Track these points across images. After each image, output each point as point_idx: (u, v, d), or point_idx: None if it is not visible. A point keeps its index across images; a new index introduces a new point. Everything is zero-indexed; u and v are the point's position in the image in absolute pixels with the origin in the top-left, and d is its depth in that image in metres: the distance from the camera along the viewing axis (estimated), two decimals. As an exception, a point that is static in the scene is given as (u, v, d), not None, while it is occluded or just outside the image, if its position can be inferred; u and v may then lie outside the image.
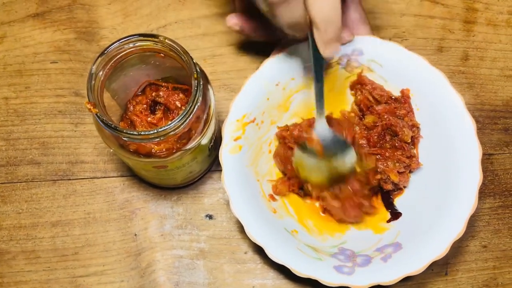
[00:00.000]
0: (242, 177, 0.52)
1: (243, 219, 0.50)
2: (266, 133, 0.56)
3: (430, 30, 0.65)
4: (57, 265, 0.56)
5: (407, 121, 0.55)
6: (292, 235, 0.53)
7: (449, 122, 0.53)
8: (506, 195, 0.59)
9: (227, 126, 0.52)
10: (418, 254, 0.50)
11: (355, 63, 0.56)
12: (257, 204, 0.52)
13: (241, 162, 0.53)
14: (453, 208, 0.51)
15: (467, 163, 0.52)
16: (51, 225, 0.57)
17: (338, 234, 0.55)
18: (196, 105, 0.42)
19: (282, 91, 0.56)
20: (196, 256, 0.56)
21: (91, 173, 0.59)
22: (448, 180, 0.52)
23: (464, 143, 0.52)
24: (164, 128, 0.40)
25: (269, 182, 0.56)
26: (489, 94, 0.63)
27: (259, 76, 0.54)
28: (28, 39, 0.63)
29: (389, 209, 0.56)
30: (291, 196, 0.56)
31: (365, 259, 0.51)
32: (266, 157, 0.56)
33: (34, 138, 0.60)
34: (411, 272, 0.49)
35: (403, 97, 0.55)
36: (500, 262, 0.57)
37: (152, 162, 0.45)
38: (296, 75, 0.56)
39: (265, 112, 0.55)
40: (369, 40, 0.55)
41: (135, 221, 0.57)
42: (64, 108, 0.61)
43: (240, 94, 0.53)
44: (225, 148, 0.52)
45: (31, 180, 0.58)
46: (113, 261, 0.56)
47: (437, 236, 0.50)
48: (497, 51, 0.64)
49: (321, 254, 0.51)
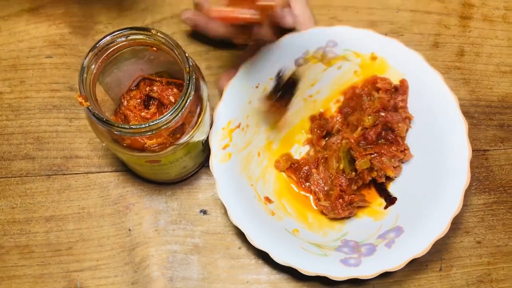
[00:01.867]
0: (236, 185, 0.52)
1: (244, 228, 0.50)
2: (253, 136, 0.56)
3: (426, 25, 0.64)
4: (51, 260, 0.56)
5: (401, 113, 0.55)
6: (294, 235, 0.53)
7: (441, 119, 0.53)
8: (501, 191, 0.59)
9: (214, 135, 0.52)
10: (420, 236, 0.50)
11: (331, 54, 0.56)
12: (255, 209, 0.52)
13: (232, 169, 0.53)
14: (447, 183, 0.51)
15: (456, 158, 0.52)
16: (45, 220, 0.57)
17: (339, 226, 0.55)
18: (189, 99, 0.41)
19: (262, 92, 0.55)
20: (190, 251, 0.56)
21: (85, 168, 0.59)
22: (439, 162, 0.53)
23: (455, 143, 0.52)
24: (156, 122, 0.40)
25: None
26: (485, 90, 0.63)
27: (238, 81, 0.54)
28: (23, 33, 0.63)
29: (383, 196, 0.56)
30: (287, 195, 0.56)
31: (370, 248, 0.51)
32: (257, 160, 0.56)
33: (28, 133, 0.60)
34: (416, 255, 0.49)
35: (402, 87, 0.55)
36: (495, 258, 0.57)
37: (145, 156, 0.45)
38: (274, 74, 0.56)
39: (249, 116, 0.55)
40: (342, 30, 0.55)
41: (129, 216, 0.57)
42: (59, 102, 0.61)
43: (222, 102, 0.53)
44: (215, 158, 0.52)
45: (25, 175, 0.58)
46: (107, 256, 0.56)
47: (435, 214, 0.51)
48: (493, 47, 0.64)
49: (326, 249, 0.52)
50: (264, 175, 0.57)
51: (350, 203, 0.53)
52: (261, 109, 0.54)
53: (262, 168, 0.57)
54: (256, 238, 0.50)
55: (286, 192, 0.57)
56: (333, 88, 0.59)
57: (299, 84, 0.54)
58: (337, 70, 0.58)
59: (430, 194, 0.52)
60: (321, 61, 0.57)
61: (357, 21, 0.64)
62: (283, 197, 0.56)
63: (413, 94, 0.56)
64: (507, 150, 0.61)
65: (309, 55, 0.56)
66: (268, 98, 0.53)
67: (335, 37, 0.56)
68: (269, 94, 0.53)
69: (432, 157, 0.54)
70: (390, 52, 0.55)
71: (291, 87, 0.53)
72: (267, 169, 0.57)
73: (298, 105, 0.59)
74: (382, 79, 0.56)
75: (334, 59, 0.57)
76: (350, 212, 0.53)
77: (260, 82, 0.55)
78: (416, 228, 0.51)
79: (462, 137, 0.52)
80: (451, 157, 0.52)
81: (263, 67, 0.55)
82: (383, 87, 0.55)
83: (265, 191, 0.56)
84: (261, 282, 0.56)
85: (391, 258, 0.50)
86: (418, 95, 0.55)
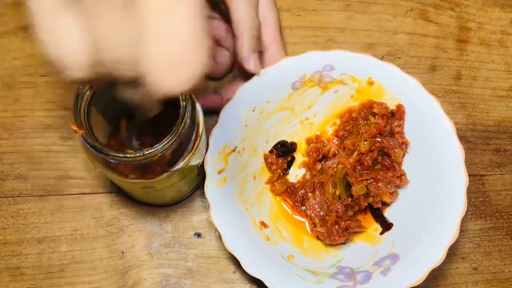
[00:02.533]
0: (231, 210, 0.52)
1: (238, 255, 0.50)
2: (249, 160, 0.56)
3: (423, 48, 0.64)
4: (42, 283, 0.55)
5: (397, 139, 0.55)
6: (289, 261, 0.52)
7: (438, 146, 0.53)
8: (497, 217, 0.59)
9: (209, 160, 0.52)
10: (416, 264, 0.50)
11: (327, 78, 0.56)
12: (250, 235, 0.52)
13: (228, 194, 0.52)
14: (444, 211, 0.51)
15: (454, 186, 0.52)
16: (37, 241, 0.56)
17: (334, 252, 0.54)
18: (184, 128, 0.41)
19: (259, 115, 0.55)
20: (184, 275, 0.56)
21: (79, 188, 0.58)
22: (436, 189, 0.52)
23: (452, 171, 0.52)
24: (150, 151, 0.40)
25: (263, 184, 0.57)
26: (481, 114, 0.63)
27: (235, 104, 0.53)
28: (18, 51, 0.62)
29: (379, 222, 0.55)
30: (283, 219, 0.56)
31: (365, 275, 0.51)
32: (252, 184, 0.56)
33: (22, 152, 0.59)
34: (412, 284, 0.49)
35: (398, 112, 0.55)
36: (491, 284, 0.57)
37: (139, 183, 0.45)
38: (272, 97, 0.55)
39: (245, 139, 0.55)
40: (339, 55, 0.55)
41: (123, 238, 0.57)
42: (53, 122, 0.60)
43: (218, 125, 0.52)
44: (210, 183, 0.51)
45: (17, 195, 0.58)
46: (99, 279, 0.55)
47: (432, 242, 0.50)
48: (490, 71, 0.64)
49: (321, 276, 0.51)
50: (260, 199, 0.56)
51: (346, 229, 0.53)
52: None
53: (258, 192, 0.56)
54: (250, 265, 0.50)
55: (282, 216, 0.57)
56: (330, 111, 0.58)
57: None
58: (333, 94, 0.57)
59: (426, 222, 0.52)
60: (318, 85, 0.57)
61: (354, 43, 0.64)
62: (279, 221, 0.56)
63: (409, 119, 0.55)
64: (503, 175, 0.60)
65: (306, 78, 0.56)
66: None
67: (332, 61, 0.56)
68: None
69: (428, 184, 0.53)
70: (387, 77, 0.55)
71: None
72: (262, 193, 0.57)
73: (295, 127, 0.58)
74: (378, 104, 0.55)
75: (331, 83, 0.57)
76: (346, 238, 0.53)
77: (257, 105, 0.55)
78: (412, 256, 0.51)
79: (458, 165, 0.52)
80: (447, 184, 0.52)
81: (260, 90, 0.55)
82: (379, 112, 0.55)
83: (260, 215, 0.55)
84: (255, 307, 0.55)
85: (387, 286, 0.49)
86: (414, 120, 0.55)
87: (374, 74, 0.56)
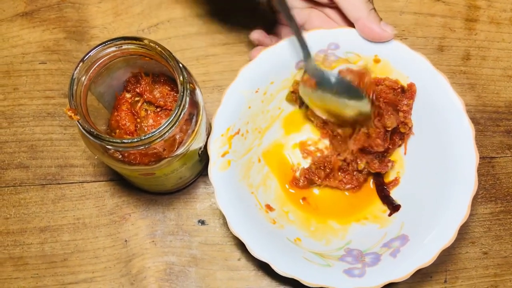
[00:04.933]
0: (236, 193, 0.50)
1: (244, 238, 0.48)
2: (253, 142, 0.54)
3: (431, 28, 0.63)
4: (45, 272, 0.55)
5: (400, 116, 0.53)
6: (296, 244, 0.51)
7: (447, 124, 0.52)
8: (508, 200, 0.57)
9: (212, 143, 0.50)
10: (426, 245, 0.49)
11: (332, 57, 0.54)
12: (255, 218, 0.51)
13: (232, 177, 0.51)
14: (454, 190, 0.50)
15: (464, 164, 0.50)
16: (40, 230, 0.56)
17: (342, 233, 0.53)
18: (183, 111, 0.40)
19: (263, 96, 0.54)
20: (188, 263, 0.55)
21: (80, 177, 0.57)
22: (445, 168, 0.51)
23: (462, 149, 0.50)
24: (148, 135, 0.39)
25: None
26: (491, 95, 0.61)
27: (237, 85, 0.52)
28: (17, 38, 0.61)
29: (386, 203, 0.54)
30: (289, 203, 0.55)
31: (374, 257, 0.50)
32: (257, 167, 0.55)
33: (22, 141, 0.58)
34: (422, 265, 0.48)
35: (410, 91, 0.53)
36: (502, 269, 0.55)
37: (139, 169, 0.44)
38: (275, 78, 0.54)
39: (249, 122, 0.54)
40: (344, 32, 0.53)
41: (126, 226, 0.56)
42: (53, 110, 0.59)
43: (221, 107, 0.51)
44: (214, 166, 0.50)
45: (19, 185, 0.57)
46: (103, 268, 0.55)
47: (442, 223, 0.49)
48: (500, 50, 0.62)
49: (329, 259, 0.50)
50: (265, 182, 0.55)
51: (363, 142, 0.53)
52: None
53: (263, 175, 0.55)
54: (257, 248, 0.48)
55: (288, 199, 0.55)
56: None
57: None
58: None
59: (436, 202, 0.50)
60: (322, 64, 0.55)
61: (359, 24, 0.62)
62: (285, 204, 0.55)
63: (418, 97, 0.54)
64: (514, 157, 0.59)
65: None
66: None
67: (337, 39, 0.54)
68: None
69: (438, 163, 0.52)
70: (394, 54, 0.54)
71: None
72: (268, 176, 0.55)
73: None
74: (390, 79, 0.54)
75: (336, 61, 0.55)
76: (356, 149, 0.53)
77: (260, 86, 0.54)
78: (421, 236, 0.49)
79: (469, 143, 0.50)
80: (458, 163, 0.50)
81: (263, 71, 0.53)
82: (389, 85, 0.53)
83: (266, 198, 0.54)
84: (260, 295, 0.54)
85: (396, 268, 0.48)
86: (423, 99, 0.53)
87: (380, 52, 0.54)
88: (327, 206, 0.56)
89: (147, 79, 0.48)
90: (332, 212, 0.55)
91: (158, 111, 0.49)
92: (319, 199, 0.56)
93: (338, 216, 0.55)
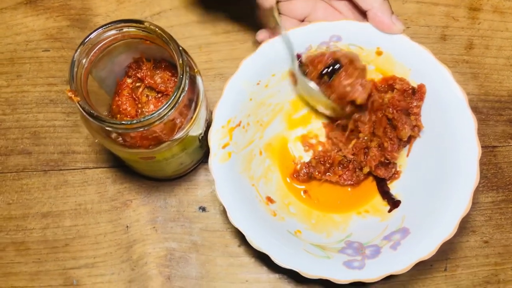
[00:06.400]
0: (236, 185, 0.50)
1: (244, 230, 0.48)
2: (254, 135, 0.54)
3: (434, 17, 0.62)
4: (47, 257, 0.55)
5: (412, 120, 0.53)
6: (296, 236, 0.51)
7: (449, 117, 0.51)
8: (510, 189, 0.57)
9: (213, 134, 0.50)
10: (427, 237, 0.48)
11: (334, 49, 0.54)
12: (256, 210, 0.51)
13: (232, 169, 0.51)
14: (455, 183, 0.49)
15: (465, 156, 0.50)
16: (42, 216, 0.56)
17: (342, 226, 0.53)
18: (182, 94, 0.40)
19: (264, 88, 0.54)
20: (189, 249, 0.55)
21: (82, 163, 0.58)
22: (447, 161, 0.51)
23: (464, 142, 0.50)
24: (147, 117, 0.39)
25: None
26: (494, 84, 0.61)
27: (239, 77, 0.52)
28: (20, 26, 0.62)
29: (386, 199, 0.54)
30: (291, 195, 0.55)
31: (374, 250, 0.50)
32: (258, 159, 0.55)
33: (25, 128, 0.59)
34: (422, 257, 0.47)
35: (420, 92, 0.53)
36: (502, 258, 0.55)
37: (139, 153, 0.44)
38: (276, 70, 0.54)
39: (250, 114, 0.53)
40: (346, 25, 0.53)
41: (127, 212, 0.56)
42: (56, 97, 0.60)
43: (222, 99, 0.51)
44: (214, 157, 0.50)
45: (21, 170, 0.57)
46: (104, 254, 0.55)
47: (443, 215, 0.49)
48: (504, 40, 0.62)
49: (329, 251, 0.50)
50: (267, 174, 0.55)
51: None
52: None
53: (264, 167, 0.55)
54: (256, 239, 0.48)
55: (289, 191, 0.56)
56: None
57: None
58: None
59: (437, 194, 0.50)
60: None
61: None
62: (286, 197, 0.55)
63: None
64: (516, 146, 0.59)
65: (312, 50, 0.54)
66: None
67: (339, 31, 0.54)
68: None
69: (440, 156, 0.52)
70: (396, 46, 0.53)
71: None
72: (269, 168, 0.55)
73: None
74: (401, 79, 0.53)
75: None
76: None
77: (262, 78, 0.53)
78: (422, 229, 0.49)
79: (471, 136, 0.50)
80: (459, 156, 0.50)
81: (265, 63, 0.53)
82: (400, 88, 0.53)
83: (267, 190, 0.54)
84: (260, 281, 0.54)
85: (396, 261, 0.48)
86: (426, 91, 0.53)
87: (382, 44, 0.54)
88: (328, 199, 0.56)
89: (148, 65, 0.48)
90: (333, 205, 0.55)
91: (159, 97, 0.49)
92: (320, 192, 0.56)
93: (339, 209, 0.55)
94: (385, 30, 0.52)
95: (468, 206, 0.48)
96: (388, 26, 0.51)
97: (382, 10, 0.51)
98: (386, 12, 0.51)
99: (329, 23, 0.53)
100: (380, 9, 0.51)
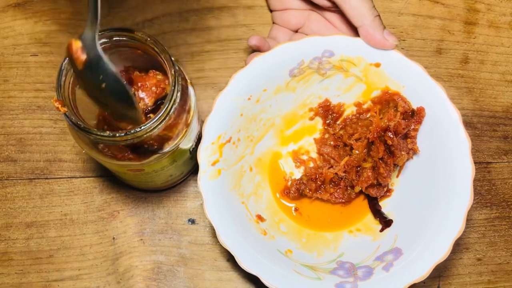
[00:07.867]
0: (226, 203, 0.49)
1: (233, 250, 0.47)
2: (244, 151, 0.53)
3: (429, 30, 0.62)
4: (30, 268, 0.53)
5: (408, 143, 0.52)
6: (287, 256, 0.50)
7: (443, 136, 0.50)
8: (503, 206, 0.57)
9: (202, 151, 0.49)
10: (420, 259, 0.48)
11: (327, 65, 0.53)
12: (246, 229, 0.49)
13: (222, 186, 0.50)
14: (449, 203, 0.48)
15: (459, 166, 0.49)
16: (26, 226, 0.55)
17: (334, 245, 0.53)
18: (173, 107, 0.39)
19: (255, 103, 0.53)
20: (177, 262, 0.54)
21: (69, 172, 0.56)
22: (440, 180, 0.50)
23: (457, 161, 0.49)
24: (136, 130, 0.38)
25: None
26: (489, 99, 0.60)
27: (229, 92, 0.50)
28: (8, 30, 0.60)
29: (378, 217, 0.53)
30: (281, 212, 0.54)
31: (367, 271, 0.49)
32: (248, 175, 0.54)
33: (11, 134, 0.57)
34: (415, 280, 0.47)
35: (419, 115, 0.52)
36: (495, 276, 0.54)
37: (127, 165, 0.43)
38: (268, 85, 0.52)
39: (241, 129, 0.52)
40: (339, 40, 0.52)
41: (114, 224, 0.55)
42: (44, 103, 0.58)
43: (212, 115, 0.50)
44: (204, 175, 0.49)
45: (6, 178, 0.56)
46: (89, 266, 0.54)
47: (436, 236, 0.48)
48: (499, 55, 0.62)
49: (320, 272, 0.49)
50: (257, 191, 0.54)
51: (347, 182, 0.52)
52: None
53: (255, 184, 0.54)
54: (246, 261, 0.47)
55: (280, 209, 0.55)
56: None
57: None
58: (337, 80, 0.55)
59: (430, 215, 0.49)
60: (316, 72, 0.54)
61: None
62: (277, 214, 0.54)
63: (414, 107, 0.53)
64: (510, 163, 0.58)
65: (304, 65, 0.53)
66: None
67: (331, 46, 0.52)
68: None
69: (433, 175, 0.51)
70: (389, 63, 0.52)
71: None
72: (259, 185, 0.54)
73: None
74: (403, 99, 0.52)
75: (331, 69, 0.54)
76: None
77: (253, 93, 0.52)
78: (415, 250, 0.48)
79: (465, 156, 0.49)
80: (453, 176, 0.49)
81: (256, 78, 0.52)
82: (403, 110, 0.52)
83: (257, 208, 0.53)
84: (249, 297, 0.53)
85: (389, 283, 0.47)
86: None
87: (375, 60, 0.53)
88: (319, 216, 0.55)
89: (139, 73, 0.47)
90: (325, 223, 0.54)
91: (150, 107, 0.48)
92: (312, 210, 0.55)
93: (331, 227, 0.54)
94: (377, 47, 0.51)
95: (462, 227, 0.47)
96: (380, 43, 0.50)
97: (373, 26, 0.50)
98: (377, 28, 0.50)
99: (322, 37, 0.52)
100: (371, 25, 0.50)
